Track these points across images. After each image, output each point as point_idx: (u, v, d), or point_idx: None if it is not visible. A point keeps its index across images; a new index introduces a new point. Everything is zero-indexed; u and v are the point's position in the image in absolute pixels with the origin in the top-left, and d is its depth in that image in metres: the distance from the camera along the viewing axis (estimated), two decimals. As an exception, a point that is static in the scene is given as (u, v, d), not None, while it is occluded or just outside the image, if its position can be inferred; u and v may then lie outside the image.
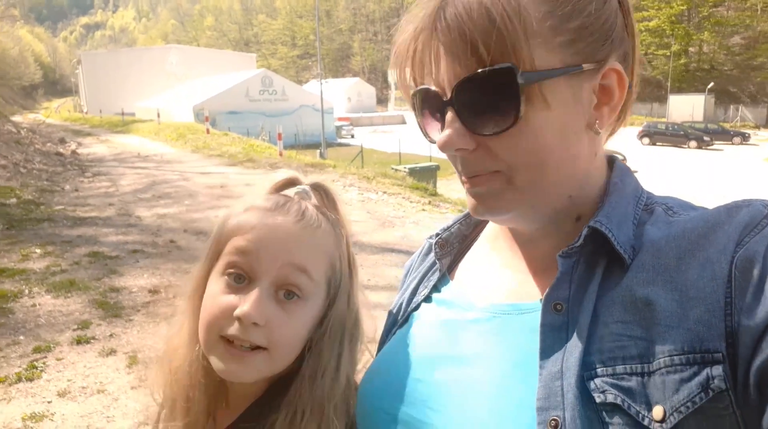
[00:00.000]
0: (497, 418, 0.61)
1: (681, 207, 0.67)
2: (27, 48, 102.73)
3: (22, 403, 3.68)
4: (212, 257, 0.83)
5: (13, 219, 8.54)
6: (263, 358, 0.76)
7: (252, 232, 0.78)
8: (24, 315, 5.06)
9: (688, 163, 28.34)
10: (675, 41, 63.42)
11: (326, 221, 0.85)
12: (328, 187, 0.90)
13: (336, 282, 0.84)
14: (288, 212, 0.80)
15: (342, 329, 0.83)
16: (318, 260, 0.80)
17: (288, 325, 0.77)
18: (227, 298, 0.77)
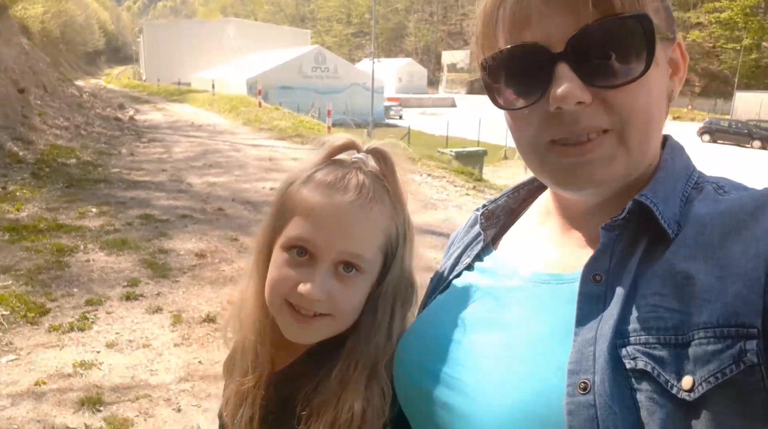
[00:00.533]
0: (530, 379, 0.62)
1: (732, 187, 0.66)
2: (93, 15, 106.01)
3: (74, 351, 3.90)
4: (276, 228, 0.87)
5: (73, 178, 8.95)
6: (326, 323, 0.83)
7: (312, 215, 0.82)
8: (78, 269, 5.33)
9: (750, 163, 27.02)
10: (747, 35, 60.11)
11: (383, 192, 0.86)
12: (387, 154, 0.90)
13: (392, 251, 0.87)
14: (347, 189, 0.82)
15: (395, 292, 0.87)
16: (374, 238, 0.84)
17: (348, 296, 0.83)
18: (291, 271, 0.82)
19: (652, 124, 0.65)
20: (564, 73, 0.61)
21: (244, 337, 0.92)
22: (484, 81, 0.70)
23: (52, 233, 6.24)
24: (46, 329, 4.17)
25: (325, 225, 0.81)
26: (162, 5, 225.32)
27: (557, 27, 0.61)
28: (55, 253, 5.64)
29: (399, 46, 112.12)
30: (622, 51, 0.61)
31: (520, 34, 0.64)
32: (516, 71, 0.66)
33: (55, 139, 11.60)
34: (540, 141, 0.66)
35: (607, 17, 0.59)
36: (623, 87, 0.61)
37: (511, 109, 0.68)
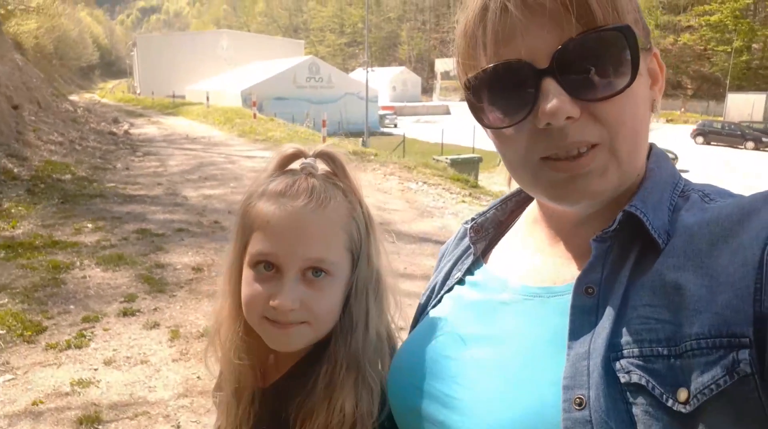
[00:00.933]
0: (524, 395, 0.62)
1: (718, 194, 0.66)
2: (86, 30, 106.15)
3: (71, 369, 3.87)
4: (241, 246, 0.88)
5: (68, 194, 8.93)
6: (306, 329, 0.84)
7: (269, 227, 0.83)
8: (75, 286, 5.31)
9: (743, 164, 27.16)
10: (738, 37, 60.58)
11: (336, 190, 0.87)
12: (334, 154, 0.92)
13: (356, 247, 0.88)
14: (297, 195, 0.83)
15: (366, 288, 0.88)
16: (335, 238, 0.85)
17: (322, 299, 0.84)
18: (260, 287, 0.83)
19: (640, 134, 0.65)
20: (551, 89, 0.61)
21: (227, 358, 0.92)
22: (468, 101, 0.70)
23: (48, 250, 6.22)
24: (43, 347, 4.15)
25: (282, 235, 0.82)
26: (155, 18, 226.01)
27: (541, 42, 0.61)
28: (51, 270, 5.62)
29: (392, 55, 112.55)
30: (607, 63, 0.61)
31: (502, 51, 0.63)
32: (501, 89, 0.65)
33: (50, 155, 11.58)
34: (530, 158, 0.66)
35: (590, 30, 0.60)
36: (611, 99, 0.61)
37: (498, 128, 0.68)
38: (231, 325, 0.91)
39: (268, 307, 0.82)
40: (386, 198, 9.67)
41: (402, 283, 4.10)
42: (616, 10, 0.60)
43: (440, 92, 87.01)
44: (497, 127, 0.67)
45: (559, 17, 0.60)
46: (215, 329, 0.94)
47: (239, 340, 0.90)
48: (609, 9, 0.60)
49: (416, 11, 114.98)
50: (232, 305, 0.90)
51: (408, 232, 7.52)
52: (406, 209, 8.90)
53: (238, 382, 0.91)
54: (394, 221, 8.06)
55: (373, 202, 9.15)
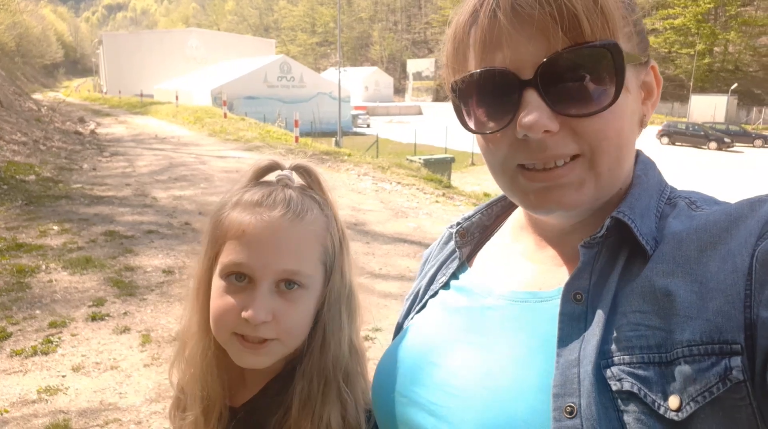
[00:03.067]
0: (512, 403, 0.61)
1: (704, 201, 0.67)
2: (49, 27, 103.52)
3: (38, 376, 3.75)
4: (211, 257, 0.85)
5: (32, 195, 8.67)
6: (276, 346, 0.82)
7: (244, 237, 0.81)
8: (41, 290, 5.15)
9: (707, 164, 27.94)
10: (700, 40, 62.34)
11: (313, 203, 0.86)
12: (310, 168, 0.91)
13: (330, 261, 0.87)
14: (274, 205, 0.82)
15: (339, 303, 0.87)
16: (310, 250, 0.83)
17: (293, 313, 0.82)
18: (232, 298, 0.81)
19: (623, 150, 0.65)
20: (532, 101, 0.61)
21: (193, 375, 0.89)
22: (454, 103, 0.70)
23: (12, 253, 6.02)
24: (7, 354, 4.00)
25: (257, 245, 0.80)
26: (122, 16, 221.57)
27: (527, 53, 0.61)
28: (16, 273, 5.44)
29: (364, 55, 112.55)
30: (591, 79, 0.60)
31: (490, 57, 0.63)
32: (485, 95, 0.65)
33: (13, 156, 11.23)
34: (509, 164, 0.66)
35: (576, 45, 0.59)
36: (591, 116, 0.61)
37: (479, 133, 0.68)
38: (199, 341, 0.88)
39: (239, 321, 0.79)
40: (361, 198, 9.64)
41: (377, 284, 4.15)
42: (606, 25, 0.60)
43: (412, 93, 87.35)
44: (479, 131, 0.68)
45: (546, 29, 0.59)
46: (181, 346, 0.91)
47: (209, 357, 0.87)
48: (599, 23, 0.59)
49: (388, 11, 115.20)
50: (201, 321, 0.88)
51: (383, 232, 7.51)
52: (381, 210, 8.89)
53: (207, 401, 0.88)
54: (369, 222, 8.04)
55: (348, 203, 9.12)
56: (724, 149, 35.00)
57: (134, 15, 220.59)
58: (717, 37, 64.37)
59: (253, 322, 0.78)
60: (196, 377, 0.88)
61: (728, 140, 35.54)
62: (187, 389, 0.91)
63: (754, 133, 40.22)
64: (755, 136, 38.75)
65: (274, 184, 0.87)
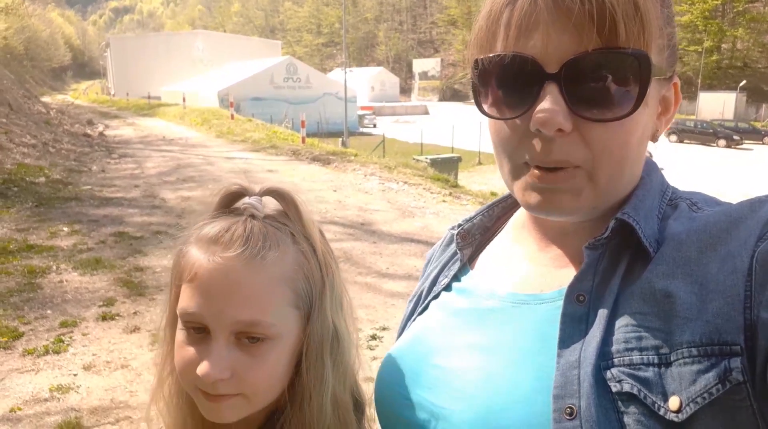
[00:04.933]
0: (513, 405, 0.62)
1: (705, 202, 0.66)
2: (57, 30, 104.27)
3: (50, 375, 3.80)
4: (174, 298, 0.77)
5: (42, 197, 8.75)
6: (240, 402, 0.73)
7: (195, 281, 0.71)
8: (51, 290, 5.21)
9: (716, 162, 27.76)
10: (708, 37, 61.92)
11: (282, 237, 0.75)
12: (284, 191, 0.79)
13: (306, 303, 0.76)
14: (231, 243, 0.71)
15: (321, 348, 0.77)
16: (273, 296, 0.72)
17: (258, 368, 0.72)
18: (190, 351, 0.72)
19: (627, 163, 0.64)
20: (552, 95, 0.60)
21: (172, 420, 0.83)
22: (473, 82, 0.68)
23: (23, 254, 6.09)
24: (20, 353, 4.06)
25: (209, 292, 0.70)
26: (128, 18, 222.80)
27: (557, 46, 0.59)
28: (27, 274, 5.50)
29: (370, 55, 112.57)
30: (614, 86, 0.59)
31: (520, 42, 0.62)
32: (507, 80, 0.64)
33: (23, 158, 11.33)
34: (516, 158, 0.66)
35: (608, 48, 0.58)
36: (605, 123, 0.60)
37: (494, 118, 0.67)
38: (175, 383, 0.81)
39: (196, 376, 0.70)
40: (367, 198, 9.66)
41: (384, 283, 4.19)
42: (642, 33, 0.58)
43: (418, 92, 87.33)
44: (493, 116, 0.67)
45: (582, 25, 0.58)
46: (158, 385, 0.83)
47: (184, 401, 0.81)
48: (635, 30, 0.58)
49: (393, 12, 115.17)
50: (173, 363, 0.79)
51: (390, 232, 7.53)
52: (388, 209, 8.90)
53: None
54: (376, 221, 8.06)
55: (355, 203, 9.15)
56: (733, 147, 34.72)
57: (141, 18, 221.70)
58: (725, 34, 63.92)
59: (207, 381, 0.69)
60: (173, 422, 0.83)
61: (737, 137, 35.24)
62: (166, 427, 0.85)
63: (763, 129, 39.86)
64: (765, 133, 38.42)
65: (240, 213, 0.76)
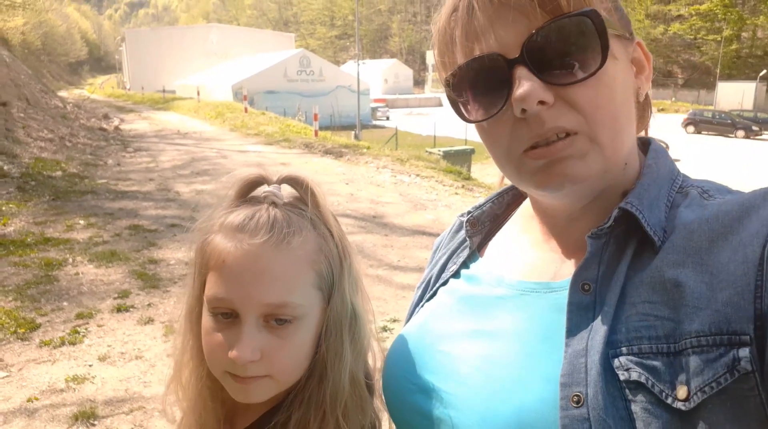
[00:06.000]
0: (520, 392, 0.62)
1: (717, 190, 0.66)
2: (74, 25, 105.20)
3: (65, 366, 3.87)
4: (199, 285, 0.80)
5: (59, 191, 8.87)
6: (269, 383, 0.76)
7: (224, 268, 0.74)
8: (68, 282, 5.29)
9: (734, 153, 27.32)
10: (727, 26, 60.79)
11: (303, 221, 0.78)
12: (302, 178, 0.82)
13: (328, 284, 0.80)
14: (257, 230, 0.74)
15: (340, 327, 0.80)
16: (299, 278, 0.76)
17: (286, 349, 0.75)
18: (219, 336, 0.75)
19: (619, 120, 0.64)
20: (523, 75, 0.61)
21: (190, 405, 0.86)
22: (450, 98, 0.71)
23: (40, 247, 6.19)
24: (37, 344, 4.13)
25: (238, 277, 0.73)
26: (143, 13, 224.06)
27: (510, 35, 0.62)
28: (44, 267, 5.59)
29: (383, 47, 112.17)
30: (576, 48, 0.61)
31: (475, 47, 0.65)
32: (478, 84, 0.66)
33: (40, 152, 11.49)
34: (514, 152, 0.66)
35: (556, 18, 0.61)
36: (584, 83, 0.61)
37: (479, 121, 0.68)
38: (194, 370, 0.84)
39: (228, 360, 0.73)
40: (380, 191, 9.66)
41: (396, 276, 4.19)
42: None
43: (432, 84, 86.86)
44: (477, 120, 0.68)
45: (524, 9, 0.61)
46: (176, 372, 0.86)
47: (203, 388, 0.83)
48: None
49: (407, 3, 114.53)
50: (194, 349, 0.82)
51: (401, 224, 7.53)
52: (400, 202, 8.90)
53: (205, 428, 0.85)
54: (388, 214, 8.06)
55: (367, 196, 9.15)
56: (752, 137, 34.11)
57: (156, 12, 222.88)
58: (745, 22, 62.67)
59: (239, 363, 0.72)
60: (192, 405, 0.85)
61: (756, 128, 34.59)
62: (185, 417, 0.88)
63: (783, 120, 39.14)
64: (785, 124, 37.72)
65: (260, 200, 0.80)
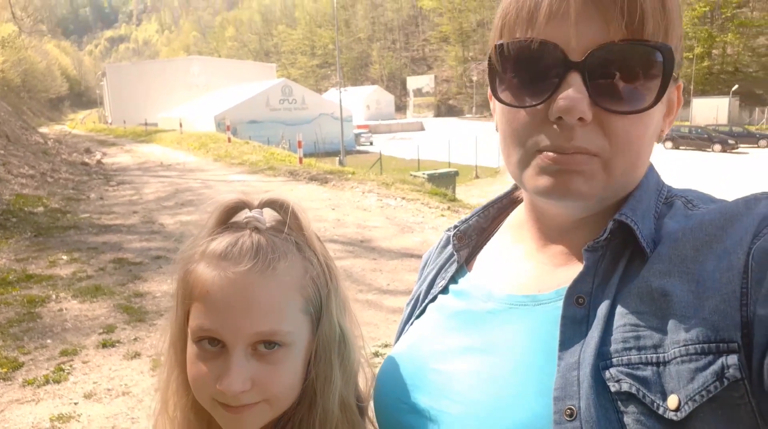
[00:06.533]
0: (514, 407, 0.61)
1: (701, 200, 0.66)
2: (54, 61, 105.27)
3: (50, 405, 3.76)
4: (183, 315, 0.78)
5: (41, 227, 8.75)
6: (264, 408, 0.74)
7: (208, 298, 0.72)
8: (51, 319, 5.18)
9: (713, 167, 27.83)
10: (698, 44, 62.51)
11: (288, 246, 0.76)
12: (283, 201, 0.80)
13: (316, 307, 0.78)
14: (240, 257, 0.72)
15: (329, 351, 0.78)
16: (287, 304, 0.74)
17: (277, 375, 0.73)
18: (206, 366, 0.73)
19: (641, 158, 0.64)
20: (575, 84, 0.59)
21: None
22: (491, 67, 0.67)
23: (22, 284, 6.07)
24: (20, 384, 4.02)
25: (224, 308, 0.71)
26: (124, 47, 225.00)
27: (583, 34, 0.59)
28: (26, 304, 5.48)
29: (364, 74, 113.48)
30: (638, 78, 0.59)
31: (547, 28, 0.60)
32: (529, 66, 0.62)
33: (21, 188, 11.36)
34: (529, 146, 0.64)
35: (634, 40, 0.58)
36: (626, 115, 0.60)
37: (511, 105, 0.65)
38: (179, 401, 0.81)
39: (216, 391, 0.71)
40: (366, 215, 9.66)
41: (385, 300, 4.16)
42: (666, 30, 0.59)
43: (413, 109, 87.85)
44: (512, 104, 0.65)
45: (610, 16, 0.58)
46: (162, 405, 0.84)
47: (189, 418, 0.81)
48: (660, 26, 0.58)
49: (386, 31, 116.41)
50: (179, 380, 0.80)
51: (389, 248, 7.52)
52: (386, 226, 8.90)
53: None
54: (375, 238, 8.05)
55: (353, 220, 9.14)
56: (728, 151, 34.81)
57: (136, 46, 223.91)
58: (714, 40, 64.60)
59: (229, 394, 0.70)
60: None
61: (732, 142, 35.35)
62: None
63: (758, 133, 40.02)
64: (760, 137, 38.55)
65: (242, 226, 0.77)
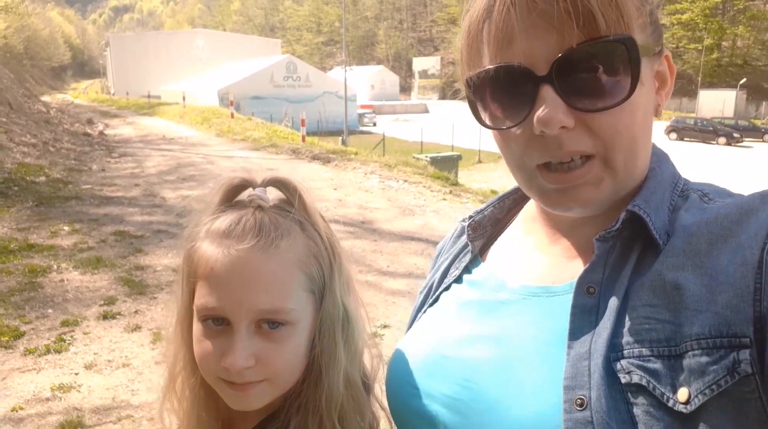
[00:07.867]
0: (525, 396, 0.62)
1: (717, 193, 0.66)
2: (57, 29, 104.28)
3: (51, 374, 3.81)
4: (188, 293, 0.79)
5: (42, 196, 8.75)
6: (265, 387, 0.75)
7: (212, 276, 0.73)
8: (53, 289, 5.21)
9: (716, 159, 27.75)
10: (708, 35, 61.90)
11: (291, 224, 0.77)
12: (287, 181, 0.81)
13: (319, 285, 0.79)
14: (243, 235, 0.73)
15: (333, 329, 0.79)
16: (290, 282, 0.75)
17: (280, 353, 0.74)
18: (211, 344, 0.74)
19: (637, 144, 0.65)
20: (548, 96, 0.61)
21: (186, 415, 0.84)
22: (469, 99, 0.69)
23: (24, 254, 6.09)
24: (21, 353, 4.06)
25: (228, 285, 0.72)
26: (128, 17, 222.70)
27: (541, 48, 0.60)
28: (28, 274, 5.51)
29: (370, 54, 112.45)
30: (606, 74, 0.60)
31: (504, 53, 0.63)
32: (501, 91, 0.65)
33: (23, 157, 11.33)
34: (527, 163, 0.66)
35: (591, 40, 0.59)
36: (609, 109, 0.61)
37: (495, 129, 0.68)
38: (187, 378, 0.82)
39: (221, 368, 0.72)
40: (368, 196, 9.66)
41: (385, 281, 4.18)
42: (621, 18, 0.59)
43: (418, 91, 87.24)
44: (494, 127, 0.68)
45: (561, 24, 0.59)
46: (169, 381, 0.85)
47: (198, 397, 0.82)
48: (614, 17, 0.59)
49: (393, 10, 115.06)
50: (187, 357, 0.81)
51: (390, 230, 7.53)
52: (388, 208, 8.90)
53: None
54: (376, 220, 8.06)
55: (355, 201, 9.14)
56: (733, 144, 34.69)
57: (141, 17, 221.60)
58: (725, 32, 63.94)
59: (233, 371, 0.71)
60: (188, 414, 0.84)
61: (737, 135, 35.23)
62: (181, 427, 0.86)
63: (763, 127, 39.82)
64: (765, 131, 38.38)
65: (246, 205, 0.78)
